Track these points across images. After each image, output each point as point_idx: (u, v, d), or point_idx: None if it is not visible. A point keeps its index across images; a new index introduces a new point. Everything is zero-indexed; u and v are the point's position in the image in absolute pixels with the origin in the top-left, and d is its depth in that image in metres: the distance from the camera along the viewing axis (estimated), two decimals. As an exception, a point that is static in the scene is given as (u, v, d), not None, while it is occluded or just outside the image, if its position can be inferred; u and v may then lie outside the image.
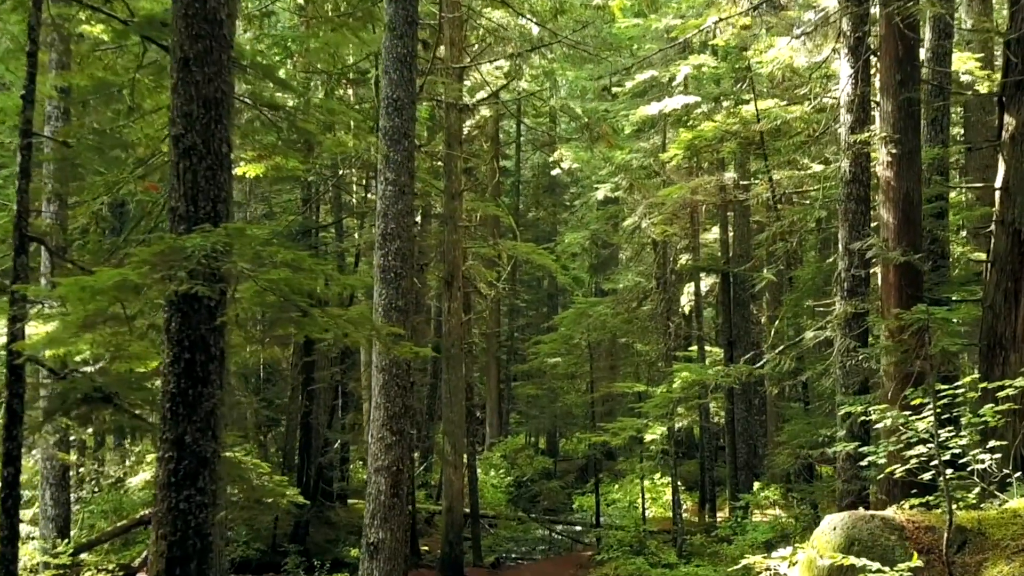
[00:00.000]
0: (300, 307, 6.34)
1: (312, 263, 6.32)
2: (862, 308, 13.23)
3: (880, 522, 8.19)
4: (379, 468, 13.82)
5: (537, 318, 43.14)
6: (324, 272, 6.41)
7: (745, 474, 26.29)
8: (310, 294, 7.43)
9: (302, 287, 6.21)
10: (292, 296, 6.20)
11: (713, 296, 32.03)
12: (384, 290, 13.93)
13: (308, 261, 6.31)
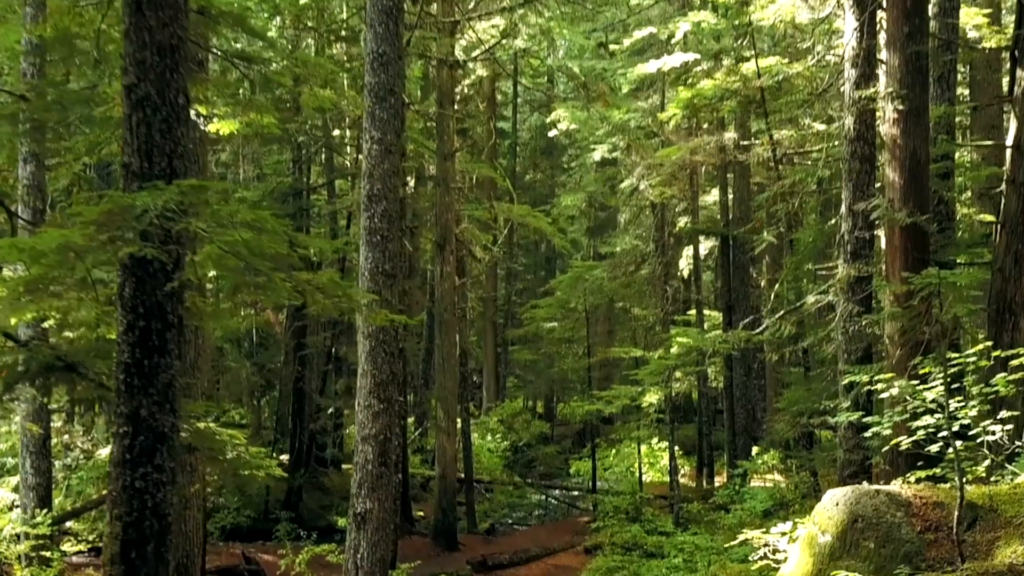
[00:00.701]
0: (261, 271, 5.86)
1: (275, 224, 5.83)
2: (866, 272, 12.72)
3: (885, 497, 7.74)
4: (366, 437, 13.39)
5: (535, 282, 42.67)
6: (288, 234, 5.92)
7: (743, 439, 25.94)
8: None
9: (264, 250, 5.72)
10: (253, 259, 5.71)
11: (712, 259, 31.55)
12: (370, 253, 13.43)
13: (271, 222, 5.81)
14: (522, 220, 24.39)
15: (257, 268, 5.83)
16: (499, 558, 19.29)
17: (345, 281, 20.46)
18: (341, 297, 6.47)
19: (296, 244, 5.98)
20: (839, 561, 7.71)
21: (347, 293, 6.49)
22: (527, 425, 35.53)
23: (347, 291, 6.51)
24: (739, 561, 14.67)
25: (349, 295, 6.49)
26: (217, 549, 19.42)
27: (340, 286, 6.51)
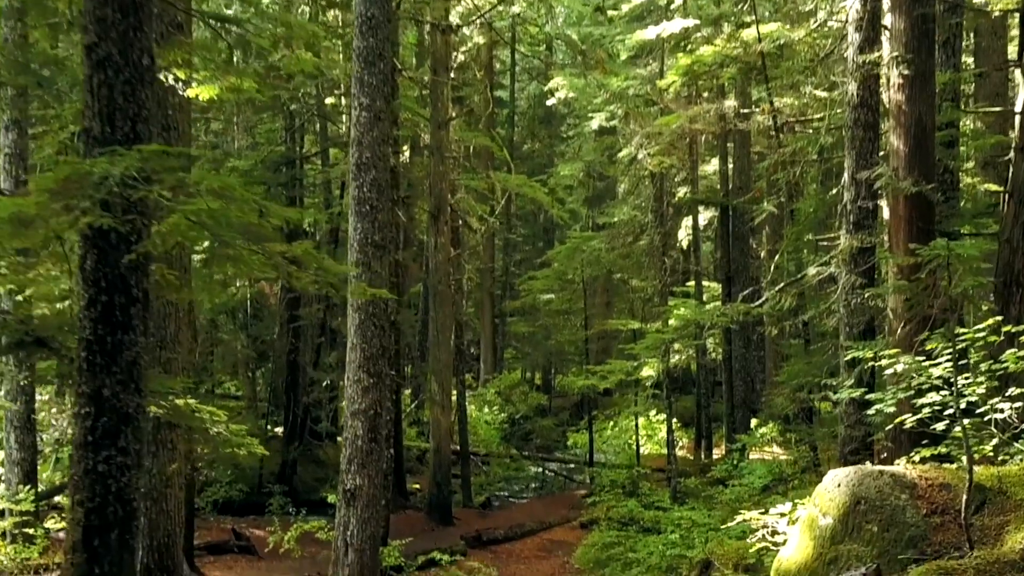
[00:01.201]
0: (226, 242, 5.50)
1: (243, 192, 5.46)
2: (869, 243, 12.35)
3: (889, 479, 7.43)
4: (356, 412, 13.07)
5: (533, 253, 42.25)
6: (259, 203, 5.55)
7: (742, 412, 25.67)
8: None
9: (231, 220, 5.36)
10: (219, 230, 5.34)
11: (712, 230, 31.16)
12: (359, 224, 13.05)
13: (239, 190, 5.44)
14: (519, 190, 23.97)
15: (224, 239, 5.48)
16: (494, 533, 19.04)
17: (340, 251, 20.10)
18: (317, 270, 6.11)
19: (267, 214, 5.60)
20: (841, 545, 7.41)
21: (323, 266, 6.13)
22: (524, 397, 35.28)
23: (323, 263, 6.15)
24: (737, 537, 14.41)
25: (326, 268, 6.13)
26: (208, 524, 19.16)
27: (316, 258, 6.15)
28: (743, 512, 9.23)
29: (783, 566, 7.84)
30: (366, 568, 12.92)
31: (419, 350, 31.78)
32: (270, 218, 5.60)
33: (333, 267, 6.20)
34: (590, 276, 28.73)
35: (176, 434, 9.93)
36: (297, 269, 5.98)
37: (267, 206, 5.63)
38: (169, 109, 10.19)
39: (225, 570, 15.70)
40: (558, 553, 18.40)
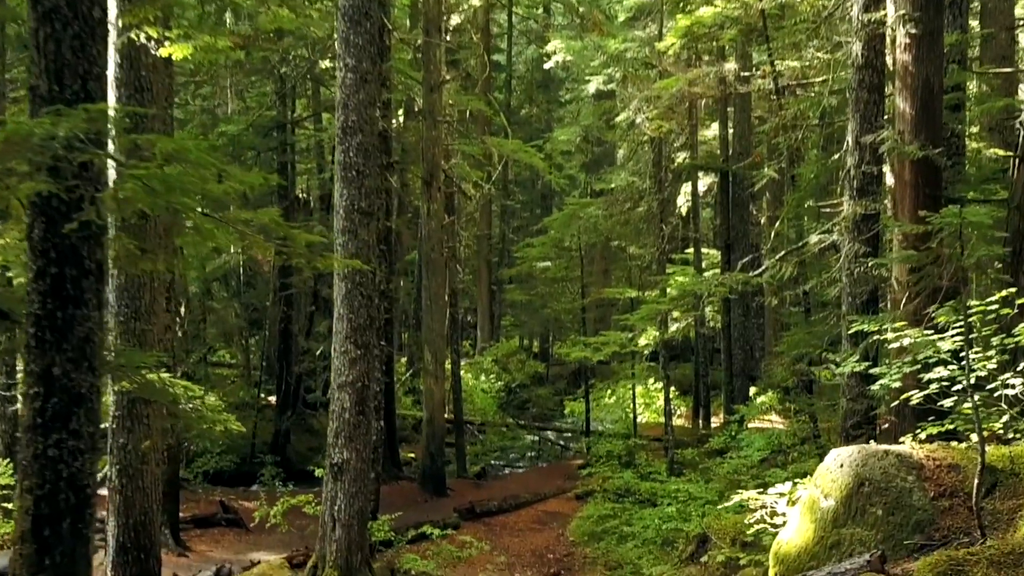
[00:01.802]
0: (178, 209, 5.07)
1: (201, 155, 5.02)
2: (873, 209, 11.90)
3: (895, 459, 7.05)
4: (343, 384, 12.70)
5: (531, 220, 41.81)
6: (220, 167, 5.12)
7: (741, 380, 25.28)
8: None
9: (186, 185, 4.93)
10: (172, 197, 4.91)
11: (711, 196, 30.63)
12: (345, 190, 12.63)
13: (194, 152, 5.00)
14: (514, 156, 23.47)
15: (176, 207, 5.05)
16: (488, 505, 18.72)
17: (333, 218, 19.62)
18: (285, 240, 5.69)
19: (227, 178, 5.17)
20: (843, 528, 7.05)
21: (290, 235, 5.71)
22: (522, 365, 34.96)
23: (290, 233, 5.72)
24: (734, 511, 14.09)
25: (292, 237, 5.71)
26: (196, 496, 18.87)
27: (283, 227, 5.72)
28: (740, 491, 8.86)
29: (782, 550, 7.47)
30: (354, 544, 12.61)
31: (415, 318, 31.36)
32: (231, 183, 5.16)
33: (301, 236, 5.77)
34: (587, 243, 28.27)
35: (152, 409, 9.55)
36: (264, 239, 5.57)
37: (227, 170, 5.20)
38: (142, 70, 9.71)
39: (212, 544, 15.40)
40: (553, 525, 18.11)
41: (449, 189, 22.69)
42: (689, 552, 13.98)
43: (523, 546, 16.70)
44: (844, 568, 6.36)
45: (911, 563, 6.45)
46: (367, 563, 12.85)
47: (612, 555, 15.19)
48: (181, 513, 16.83)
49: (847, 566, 6.37)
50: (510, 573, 15.07)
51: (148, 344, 9.76)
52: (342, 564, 12.52)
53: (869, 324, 8.26)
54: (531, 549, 16.53)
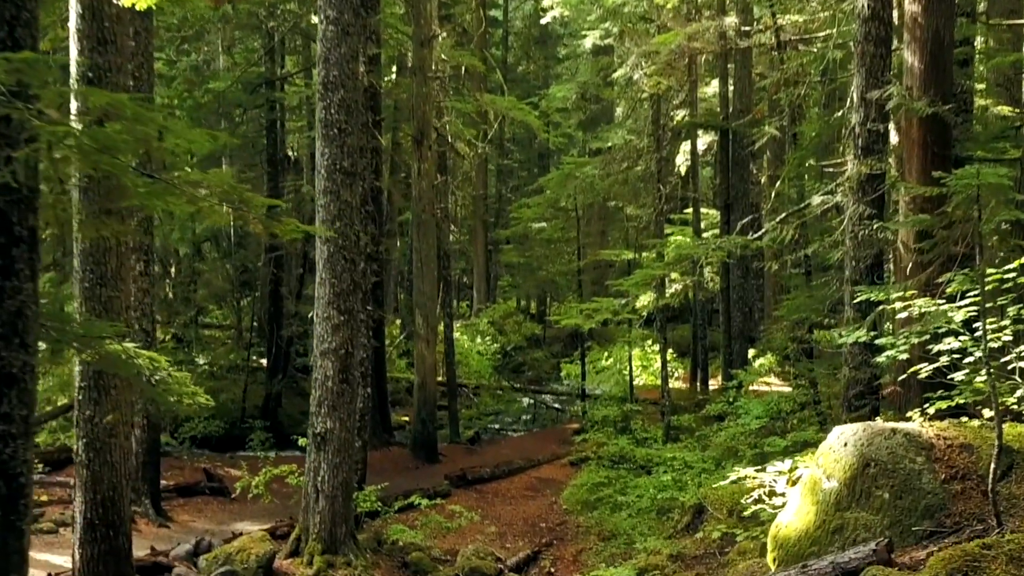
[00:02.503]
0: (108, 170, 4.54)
1: (138, 110, 4.48)
2: (878, 169, 11.32)
3: (903, 439, 6.57)
4: (326, 351, 12.23)
5: (529, 179, 41.13)
6: (162, 125, 4.59)
7: (740, 343, 24.77)
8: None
9: (118, 143, 4.40)
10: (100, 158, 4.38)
11: (711, 155, 30.00)
12: (326, 148, 12.07)
13: (130, 107, 4.46)
14: (508, 113, 22.85)
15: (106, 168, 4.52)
16: (480, 472, 18.30)
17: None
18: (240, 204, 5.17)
19: (169, 135, 4.64)
20: (847, 512, 6.60)
21: (246, 198, 5.19)
22: (518, 327, 34.49)
23: (246, 196, 5.20)
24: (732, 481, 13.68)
25: (248, 200, 5.19)
26: (181, 463, 18.47)
27: (237, 190, 5.20)
28: (737, 469, 8.39)
29: (781, 533, 7.02)
30: (338, 515, 12.20)
31: (409, 280, 30.88)
32: (175, 140, 4.62)
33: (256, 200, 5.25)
34: (584, 204, 27.68)
35: (119, 380, 9.06)
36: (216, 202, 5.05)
37: (170, 126, 4.66)
38: (105, 20, 9.11)
39: (195, 513, 15.00)
40: (546, 492, 17.73)
41: (441, 148, 22.07)
42: (685, 523, 13.59)
43: (515, 514, 16.33)
44: (848, 558, 5.91)
45: (920, 551, 6.00)
46: (352, 535, 12.45)
47: (606, 524, 14.80)
48: (164, 481, 16.45)
49: (851, 555, 5.92)
50: (501, 543, 14.69)
51: (115, 311, 9.25)
52: (326, 537, 12.12)
53: (876, 293, 7.75)
54: (523, 518, 16.15)
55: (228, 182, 5.13)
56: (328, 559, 12.02)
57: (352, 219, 12.18)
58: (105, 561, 9.32)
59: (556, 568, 13.63)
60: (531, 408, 28.07)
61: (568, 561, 13.91)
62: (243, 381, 24.22)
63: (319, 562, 11.93)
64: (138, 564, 11.22)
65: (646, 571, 12.05)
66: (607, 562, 13.55)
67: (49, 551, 12.02)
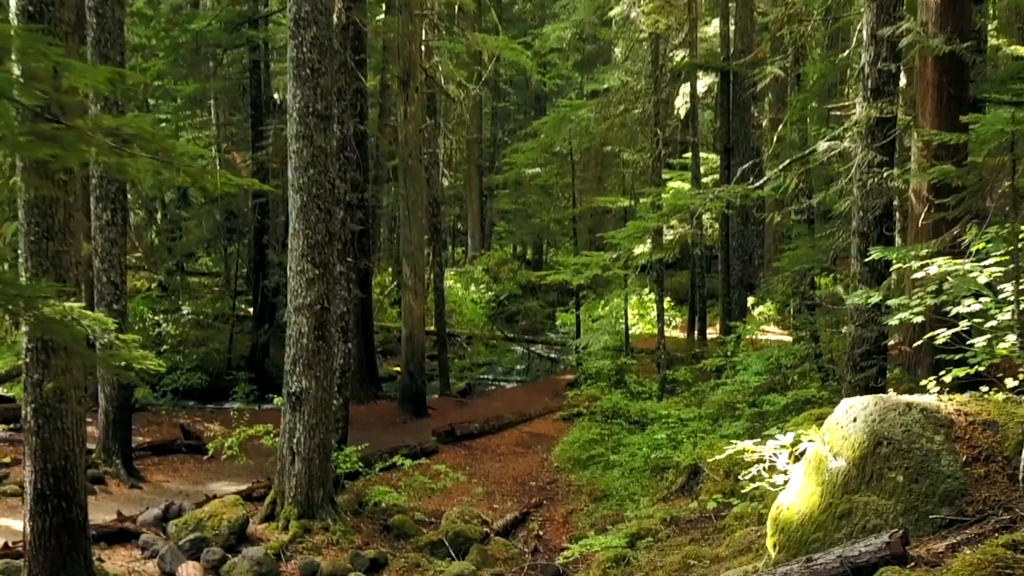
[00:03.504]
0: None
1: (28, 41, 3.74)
2: (889, 112, 10.53)
3: (919, 415, 5.90)
4: (300, 307, 11.58)
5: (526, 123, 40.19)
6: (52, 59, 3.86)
7: (739, 292, 24.08)
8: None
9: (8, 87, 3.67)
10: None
11: (711, 97, 29.07)
12: (299, 90, 11.30)
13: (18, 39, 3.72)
14: (500, 53, 21.92)
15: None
16: (469, 427, 17.72)
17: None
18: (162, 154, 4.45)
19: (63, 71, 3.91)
20: (855, 495, 5.95)
21: (167, 146, 4.47)
22: (513, 275, 33.80)
23: (167, 144, 4.48)
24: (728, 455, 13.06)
25: (170, 149, 4.47)
26: (159, 419, 17.86)
27: (158, 137, 4.48)
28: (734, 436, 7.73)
29: (783, 516, 6.39)
30: (315, 478, 11.63)
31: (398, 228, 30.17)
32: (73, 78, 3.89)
33: (185, 149, 4.52)
34: (579, 148, 26.78)
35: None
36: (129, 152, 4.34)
37: (69, 64, 3.92)
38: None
39: (170, 473, 14.41)
40: (537, 448, 17.17)
41: (430, 90, 21.21)
42: (679, 484, 13.03)
43: (504, 472, 15.77)
44: (858, 551, 5.27)
45: (938, 543, 5.37)
46: (330, 499, 11.88)
47: (598, 484, 14.25)
48: (141, 438, 15.93)
49: (861, 548, 5.27)
50: (488, 503, 14.14)
51: (64, 267, 8.53)
52: (302, 500, 11.57)
53: (891, 254, 7.04)
54: (513, 476, 15.60)
55: (146, 128, 4.40)
56: (305, 524, 11.48)
57: (327, 166, 11.45)
58: (58, 534, 8.71)
59: (545, 530, 13.09)
60: (525, 358, 27.47)
61: (558, 523, 13.37)
62: (228, 331, 23.61)
63: (295, 527, 11.39)
64: (103, 531, 10.68)
65: (639, 536, 11.51)
66: (598, 524, 13.03)
67: (12, 516, 11.43)
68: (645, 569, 10.61)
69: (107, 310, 13.30)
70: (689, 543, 11.12)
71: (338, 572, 10.61)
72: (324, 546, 11.24)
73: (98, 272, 13.38)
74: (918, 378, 9.70)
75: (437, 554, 11.76)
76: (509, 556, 11.84)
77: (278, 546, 10.98)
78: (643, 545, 11.12)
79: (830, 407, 11.77)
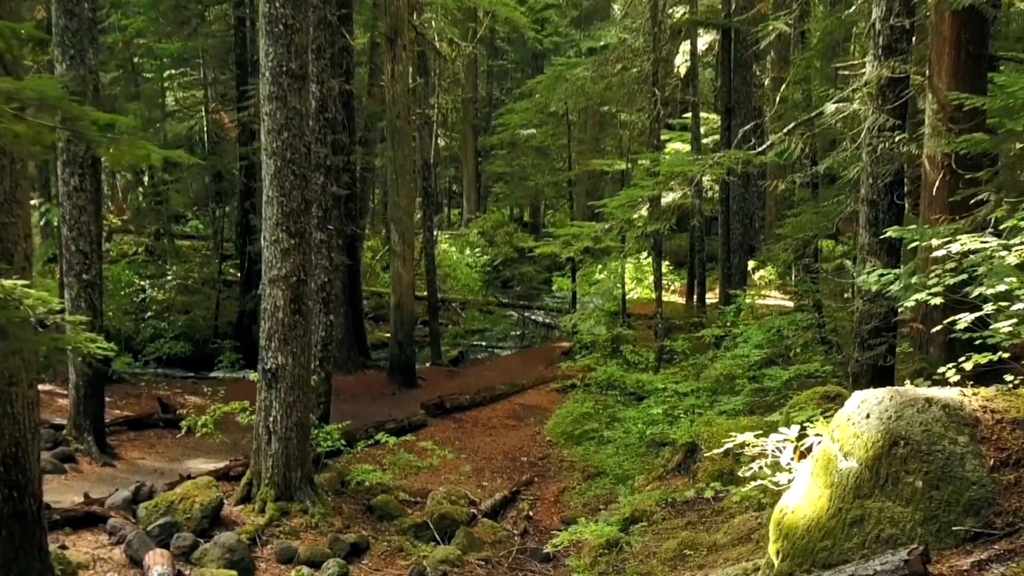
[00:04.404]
0: None
1: None
2: (902, 72, 9.83)
3: (940, 412, 5.29)
4: (275, 279, 10.93)
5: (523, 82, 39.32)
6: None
7: (739, 256, 23.43)
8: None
9: None
10: None
11: (712, 55, 28.24)
12: (271, 48, 10.58)
13: None
14: (492, 8, 21.09)
15: None
16: (459, 399, 17.13)
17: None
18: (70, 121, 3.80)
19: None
20: (868, 500, 5.36)
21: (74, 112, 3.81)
22: (509, 238, 33.11)
23: (74, 109, 3.83)
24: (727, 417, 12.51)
25: (79, 115, 3.82)
26: (137, 390, 17.27)
27: (64, 101, 3.83)
28: (734, 434, 7.12)
29: (787, 520, 5.80)
30: (292, 459, 11.05)
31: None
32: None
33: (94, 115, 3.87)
34: (576, 109, 25.99)
35: (14, 321, 7.74)
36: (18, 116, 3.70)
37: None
38: None
39: (145, 449, 13.84)
40: (529, 421, 16.62)
41: (420, 48, 20.40)
42: (676, 462, 12.47)
43: (495, 447, 15.22)
44: (873, 570, 4.69)
45: (962, 559, 4.79)
46: (309, 479, 11.32)
47: (591, 460, 13.72)
48: (119, 411, 15.36)
49: (877, 567, 4.70)
50: (478, 481, 13.61)
51: (11, 240, 7.88)
52: (279, 482, 11.00)
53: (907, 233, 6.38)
54: (503, 450, 15.05)
55: (52, 91, 3.75)
56: (282, 506, 10.91)
57: (302, 128, 10.75)
58: (8, 526, 8.11)
59: (536, 510, 12.56)
60: (520, 324, 26.87)
61: (549, 502, 12.84)
62: (214, 296, 23.00)
63: (272, 509, 10.82)
64: (68, 515, 10.13)
65: (633, 520, 10.98)
66: (591, 504, 12.52)
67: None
68: (639, 556, 10.09)
69: (76, 280, 12.70)
70: (686, 526, 10.60)
71: (316, 557, 10.06)
72: (302, 530, 10.69)
73: (66, 240, 12.72)
74: (930, 357, 9.09)
75: (422, 537, 11.24)
76: (497, 539, 11.33)
77: (253, 530, 10.43)
78: (637, 530, 10.60)
79: (835, 385, 11.21)
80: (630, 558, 10.08)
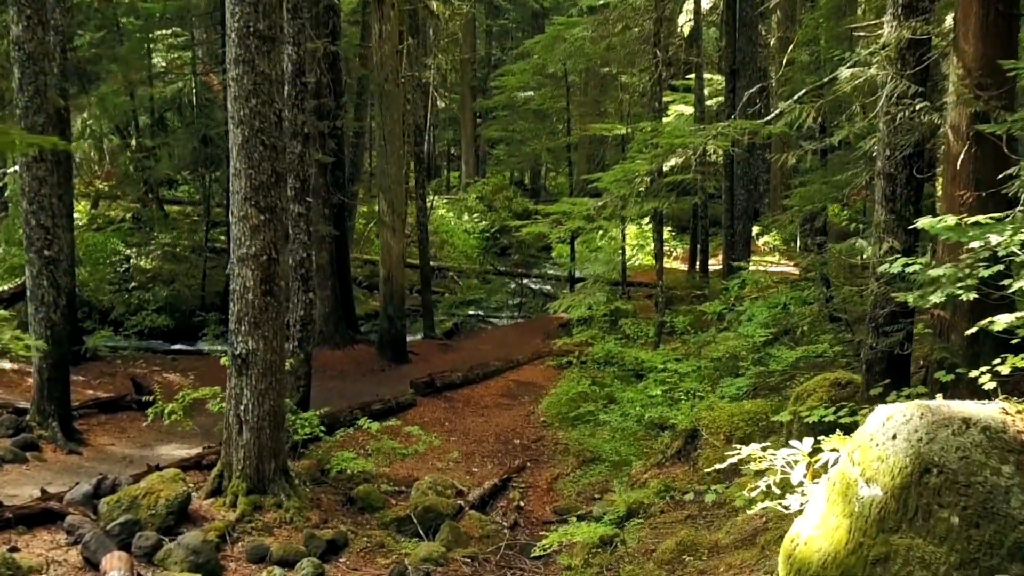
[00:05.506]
0: None
1: None
2: (924, 33, 8.95)
3: (980, 436, 4.53)
4: (244, 257, 10.19)
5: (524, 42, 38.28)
6: None
7: (743, 223, 22.57)
8: None
9: None
10: None
11: (716, 14, 27.22)
12: (237, 7, 9.77)
13: None
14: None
15: None
16: (450, 377, 16.37)
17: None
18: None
19: None
20: (895, 536, 4.61)
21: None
22: (508, 203, 32.25)
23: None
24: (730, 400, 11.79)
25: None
26: (112, 368, 16.55)
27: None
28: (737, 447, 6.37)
29: (800, 552, 5.07)
30: (265, 449, 10.34)
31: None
32: None
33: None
34: (575, 70, 25.02)
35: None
36: None
37: None
38: None
39: (116, 435, 13.12)
40: (524, 400, 15.92)
41: (411, 6, 19.46)
42: (676, 448, 11.77)
43: (486, 428, 14.52)
44: (902, 631, 3.95)
45: (1007, 615, 4.04)
46: (283, 471, 10.62)
47: (587, 444, 13.02)
48: (91, 391, 14.67)
49: (907, 627, 3.96)
50: (467, 466, 12.92)
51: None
52: (251, 474, 10.31)
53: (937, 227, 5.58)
54: (495, 432, 14.34)
55: None
56: (254, 500, 10.23)
57: (271, 95, 9.95)
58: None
59: (527, 500, 11.89)
60: (518, 293, 26.09)
61: (542, 490, 12.16)
62: (201, 265, 22.26)
63: (243, 504, 10.14)
64: (22, 513, 9.45)
65: (629, 515, 10.30)
66: (585, 492, 11.85)
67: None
68: (634, 555, 9.41)
69: (37, 256, 11.94)
70: (685, 520, 9.91)
71: (290, 556, 9.39)
72: (276, 525, 10.02)
73: (25, 215, 11.93)
74: (952, 346, 8.34)
75: (404, 531, 10.58)
76: (485, 534, 10.64)
77: (223, 527, 9.75)
78: (633, 526, 9.92)
79: (844, 371, 10.46)
80: (625, 557, 9.41)
